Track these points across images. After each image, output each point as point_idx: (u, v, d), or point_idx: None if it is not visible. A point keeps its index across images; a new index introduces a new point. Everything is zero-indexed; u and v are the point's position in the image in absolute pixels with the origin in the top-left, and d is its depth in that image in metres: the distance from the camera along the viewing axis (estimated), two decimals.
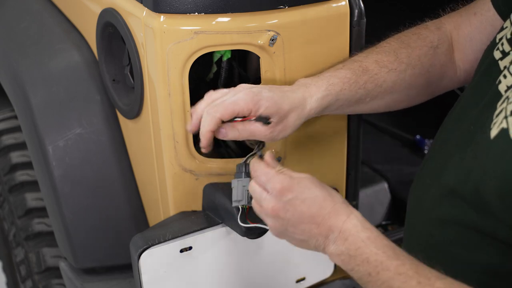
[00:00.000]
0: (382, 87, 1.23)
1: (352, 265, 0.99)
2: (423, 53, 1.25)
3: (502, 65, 1.04)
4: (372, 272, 0.97)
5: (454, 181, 1.04)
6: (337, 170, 1.41)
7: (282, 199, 1.04)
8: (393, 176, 1.86)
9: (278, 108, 1.13)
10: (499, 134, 0.94)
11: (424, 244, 1.12)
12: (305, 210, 1.03)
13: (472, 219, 1.01)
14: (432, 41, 1.26)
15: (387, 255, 0.97)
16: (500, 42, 1.07)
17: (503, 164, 0.92)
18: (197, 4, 1.16)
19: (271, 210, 1.05)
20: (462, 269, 1.02)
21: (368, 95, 1.23)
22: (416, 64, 1.25)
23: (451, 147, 1.09)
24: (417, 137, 2.06)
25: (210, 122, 1.12)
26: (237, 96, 1.12)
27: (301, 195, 1.03)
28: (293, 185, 1.04)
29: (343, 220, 1.01)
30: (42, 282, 1.74)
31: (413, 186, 1.20)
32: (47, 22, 1.65)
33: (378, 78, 1.22)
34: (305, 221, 1.03)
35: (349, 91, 1.20)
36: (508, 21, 1.08)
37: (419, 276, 0.93)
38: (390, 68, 1.23)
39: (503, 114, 0.95)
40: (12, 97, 1.59)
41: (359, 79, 1.21)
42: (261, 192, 1.07)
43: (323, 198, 1.03)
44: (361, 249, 0.99)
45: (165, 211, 1.35)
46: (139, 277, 1.21)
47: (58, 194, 1.45)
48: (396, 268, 0.95)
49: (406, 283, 0.93)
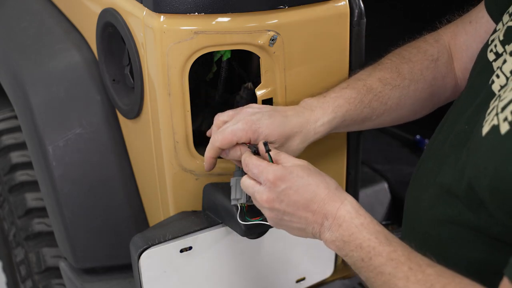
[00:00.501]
0: (387, 105, 1.25)
1: (346, 250, 1.01)
2: (425, 67, 1.27)
3: (495, 66, 1.06)
4: (365, 257, 0.98)
5: (450, 180, 1.05)
6: (337, 170, 1.41)
7: (275, 190, 1.05)
8: (393, 176, 1.86)
9: (278, 134, 1.15)
10: (490, 131, 0.94)
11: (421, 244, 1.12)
12: (299, 199, 1.04)
13: (467, 218, 1.02)
14: (432, 54, 1.28)
15: (379, 241, 0.98)
16: (493, 43, 1.09)
17: (494, 160, 0.92)
18: (197, 4, 1.16)
19: (265, 201, 1.06)
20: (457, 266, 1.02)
21: (374, 113, 1.24)
22: (419, 78, 1.27)
23: (447, 147, 1.10)
24: (417, 137, 2.06)
25: (211, 150, 1.16)
26: (236, 126, 1.14)
27: (294, 184, 1.04)
28: (285, 175, 1.05)
29: (337, 207, 1.03)
30: (42, 282, 1.74)
31: (410, 186, 1.21)
32: (47, 22, 1.65)
33: (383, 96, 1.24)
34: (300, 210, 1.04)
35: (354, 111, 1.22)
36: (501, 23, 1.10)
37: (411, 262, 0.94)
38: (394, 85, 1.25)
39: (494, 111, 0.95)
40: (12, 97, 1.59)
41: (364, 98, 1.22)
42: (253, 185, 1.08)
43: (316, 186, 1.04)
44: (355, 235, 1.00)
45: (165, 211, 1.35)
46: (139, 277, 1.21)
47: (58, 194, 1.45)
48: (388, 254, 0.96)
49: (397, 268, 0.94)
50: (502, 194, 0.92)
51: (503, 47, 1.05)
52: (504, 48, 1.05)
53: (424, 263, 0.94)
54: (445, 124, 1.17)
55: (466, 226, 1.02)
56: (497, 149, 0.92)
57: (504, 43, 1.05)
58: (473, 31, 1.26)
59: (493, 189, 0.93)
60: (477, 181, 0.96)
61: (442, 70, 1.28)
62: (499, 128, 0.92)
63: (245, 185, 1.10)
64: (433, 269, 0.93)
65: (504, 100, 0.94)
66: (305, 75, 1.26)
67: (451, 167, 1.05)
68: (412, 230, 1.17)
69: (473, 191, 0.98)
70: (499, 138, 0.92)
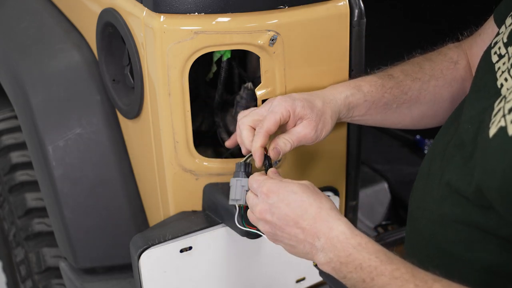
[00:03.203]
0: (407, 95, 1.26)
1: (344, 272, 0.99)
2: (445, 67, 1.29)
3: (498, 67, 1.06)
4: (366, 278, 0.96)
5: (457, 181, 1.04)
6: (337, 170, 1.41)
7: (267, 201, 1.05)
8: (393, 176, 1.87)
9: (312, 106, 1.16)
10: (497, 133, 0.94)
11: (426, 244, 1.12)
12: (289, 213, 1.03)
13: (476, 218, 1.01)
14: (452, 57, 1.30)
15: (380, 260, 0.96)
16: (496, 45, 1.09)
17: (502, 162, 0.92)
18: (197, 4, 1.16)
19: (258, 212, 1.06)
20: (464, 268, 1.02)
21: (395, 100, 1.25)
22: (439, 76, 1.28)
23: (451, 147, 1.10)
24: (417, 137, 2.06)
25: (259, 139, 1.14)
26: (273, 105, 1.15)
27: (286, 198, 1.04)
28: (279, 188, 1.05)
29: (329, 227, 1.01)
30: (42, 282, 1.74)
31: (414, 186, 1.20)
32: (47, 22, 1.65)
33: (404, 85, 1.26)
34: (290, 225, 1.03)
35: (376, 93, 1.23)
36: (504, 26, 1.10)
37: (415, 279, 0.92)
38: (415, 77, 1.26)
39: (501, 113, 0.95)
40: (12, 97, 1.59)
41: (386, 83, 1.24)
42: (252, 198, 1.09)
43: (309, 203, 1.03)
44: (353, 255, 0.98)
45: (165, 211, 1.35)
46: (139, 277, 1.21)
47: (58, 194, 1.45)
48: (391, 273, 0.94)
49: (403, 287, 0.92)
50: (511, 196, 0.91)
51: (506, 48, 1.05)
52: (507, 50, 1.05)
53: (429, 278, 0.93)
54: (450, 123, 1.17)
55: (474, 226, 1.02)
56: (505, 150, 0.92)
57: (508, 45, 1.05)
58: (482, 43, 1.27)
59: (502, 190, 0.92)
60: (485, 183, 0.95)
61: (461, 73, 1.30)
62: (507, 129, 0.92)
63: (248, 199, 1.11)
64: (439, 284, 0.91)
65: (510, 101, 0.94)
66: (305, 75, 1.26)
67: (458, 167, 1.05)
68: (417, 231, 1.16)
69: (482, 192, 0.97)
70: (507, 139, 0.91)
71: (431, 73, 1.28)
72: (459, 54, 1.31)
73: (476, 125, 1.03)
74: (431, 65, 1.29)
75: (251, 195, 1.10)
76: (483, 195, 0.97)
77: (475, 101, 1.08)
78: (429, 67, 1.28)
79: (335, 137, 1.37)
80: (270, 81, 1.24)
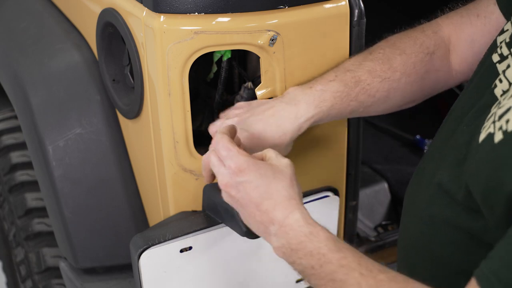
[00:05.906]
0: (375, 97, 1.23)
1: (294, 258, 1.01)
2: (419, 60, 1.25)
3: (500, 69, 1.04)
4: (315, 265, 0.98)
5: (448, 182, 1.04)
6: (337, 170, 1.41)
7: (235, 179, 1.05)
8: (393, 176, 1.86)
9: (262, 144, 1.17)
10: (485, 139, 0.93)
11: (415, 243, 1.12)
12: (254, 195, 1.04)
13: (464, 220, 1.01)
14: (428, 46, 1.26)
15: (329, 248, 0.98)
16: (499, 45, 1.06)
17: (486, 168, 0.92)
18: (197, 4, 1.16)
19: (224, 185, 1.07)
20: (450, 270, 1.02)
21: (361, 105, 1.23)
22: (411, 72, 1.25)
23: (446, 148, 1.09)
24: (417, 137, 2.06)
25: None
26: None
27: (256, 181, 1.04)
28: (249, 168, 1.05)
29: (285, 215, 1.03)
30: (42, 282, 1.74)
31: (409, 185, 1.20)
32: (47, 22, 1.65)
33: (371, 88, 1.22)
34: (251, 206, 1.05)
35: (340, 105, 1.21)
36: (509, 23, 1.07)
37: (361, 267, 0.94)
38: (384, 78, 1.23)
39: (492, 118, 0.94)
40: (12, 97, 1.59)
41: (351, 92, 1.21)
42: (219, 165, 1.08)
43: (276, 190, 1.04)
44: (304, 243, 1.00)
45: (165, 211, 1.35)
46: (139, 277, 1.21)
47: (58, 194, 1.45)
48: (339, 261, 0.96)
49: (348, 274, 0.95)
50: (491, 203, 0.91)
51: (509, 49, 1.03)
52: (510, 51, 1.03)
53: (375, 268, 0.94)
54: (447, 123, 1.16)
55: (462, 228, 1.02)
56: (489, 157, 0.92)
57: (510, 46, 1.03)
58: (481, 26, 1.23)
59: (484, 196, 0.93)
60: (473, 187, 0.96)
61: (436, 63, 1.26)
62: (494, 136, 0.91)
63: (211, 161, 1.09)
64: (384, 275, 0.93)
65: (502, 107, 0.93)
66: (305, 75, 1.26)
67: (451, 168, 1.05)
68: (407, 229, 1.17)
69: (471, 196, 0.97)
70: (492, 146, 0.91)
71: (403, 70, 1.24)
72: (436, 42, 1.26)
73: (471, 127, 1.02)
74: (403, 60, 1.24)
75: (216, 161, 1.08)
76: (472, 198, 0.97)
77: (474, 101, 1.07)
78: (400, 63, 1.24)
79: (335, 137, 1.37)
80: (270, 81, 1.24)
